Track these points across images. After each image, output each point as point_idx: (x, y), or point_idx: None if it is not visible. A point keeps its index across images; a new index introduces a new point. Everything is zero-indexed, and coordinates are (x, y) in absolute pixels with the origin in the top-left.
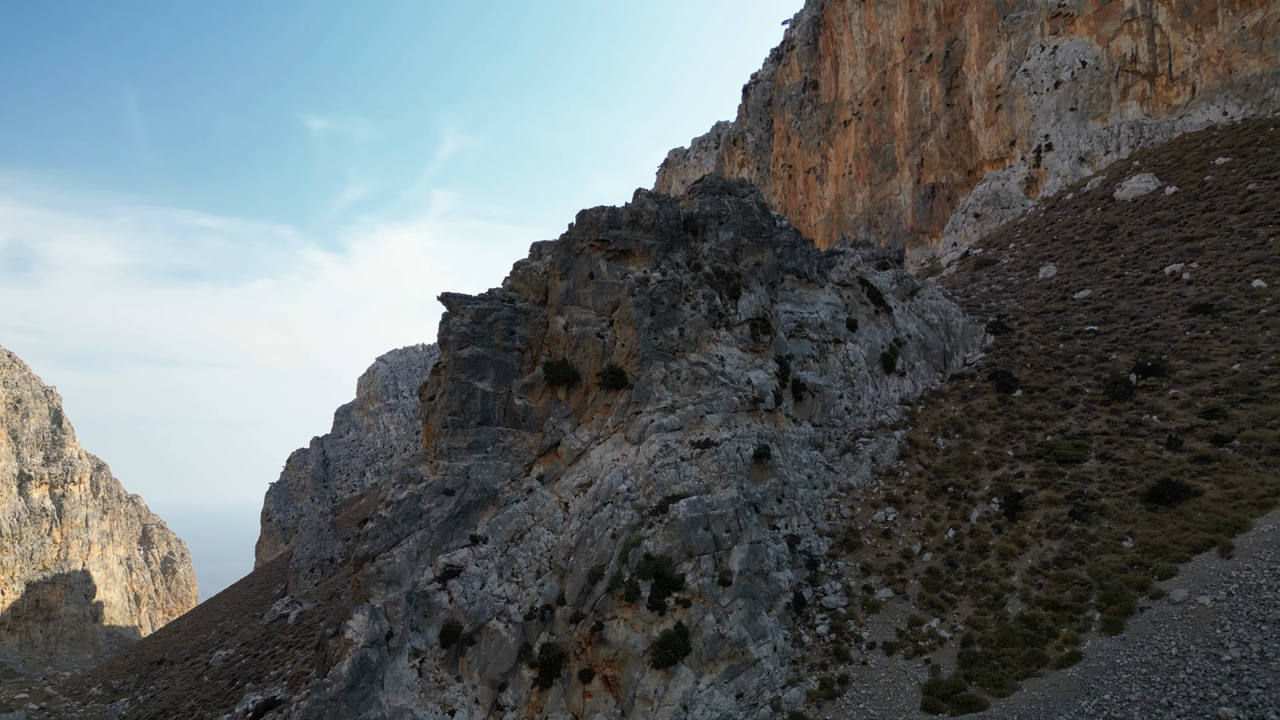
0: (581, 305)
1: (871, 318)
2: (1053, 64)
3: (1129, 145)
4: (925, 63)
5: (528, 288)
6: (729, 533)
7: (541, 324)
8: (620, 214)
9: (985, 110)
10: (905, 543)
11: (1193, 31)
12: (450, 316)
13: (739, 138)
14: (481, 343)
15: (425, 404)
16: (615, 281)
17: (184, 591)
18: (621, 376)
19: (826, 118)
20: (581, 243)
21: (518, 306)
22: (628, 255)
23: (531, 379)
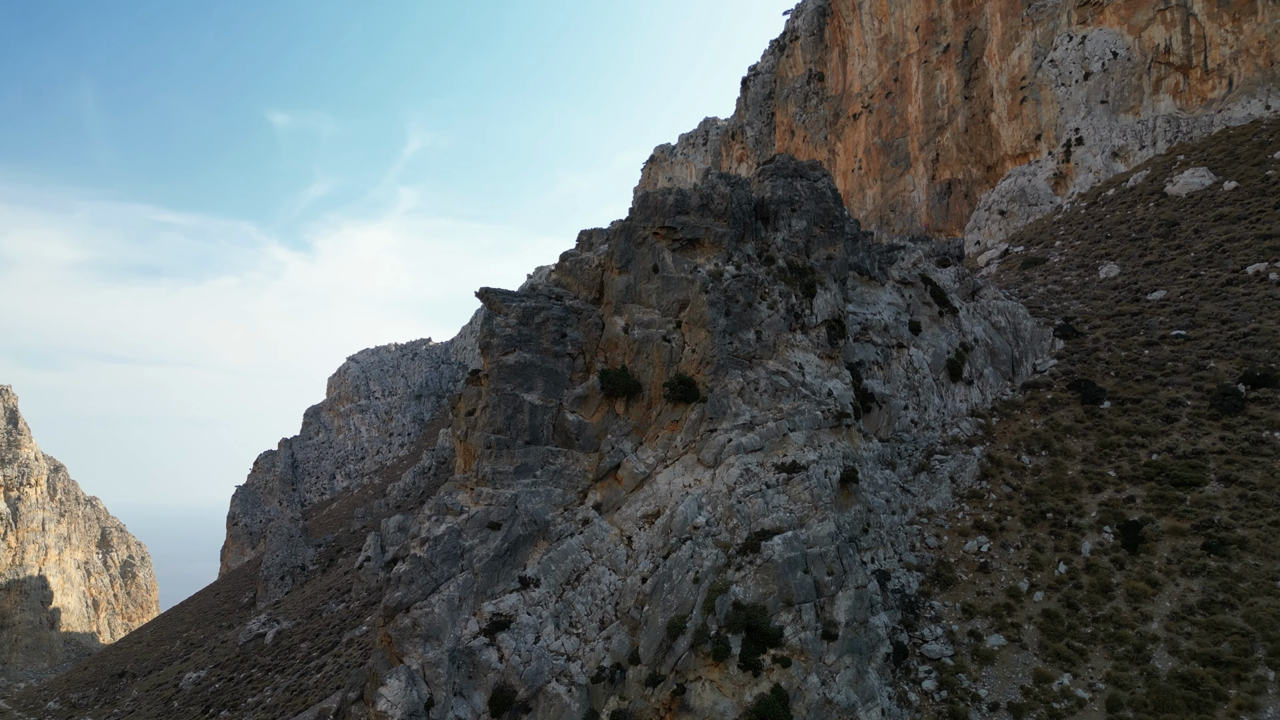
0: (643, 304)
1: (935, 319)
2: (1081, 55)
3: (1165, 140)
4: (942, 53)
5: (577, 283)
6: (831, 575)
7: (596, 325)
8: (688, 197)
9: (1008, 103)
10: (1008, 578)
11: (1230, 22)
12: (493, 316)
13: (738, 131)
14: (529, 347)
15: (462, 420)
16: (684, 276)
17: (144, 596)
18: (692, 388)
19: (834, 111)
20: (644, 230)
21: (568, 305)
22: (695, 246)
23: (585, 390)
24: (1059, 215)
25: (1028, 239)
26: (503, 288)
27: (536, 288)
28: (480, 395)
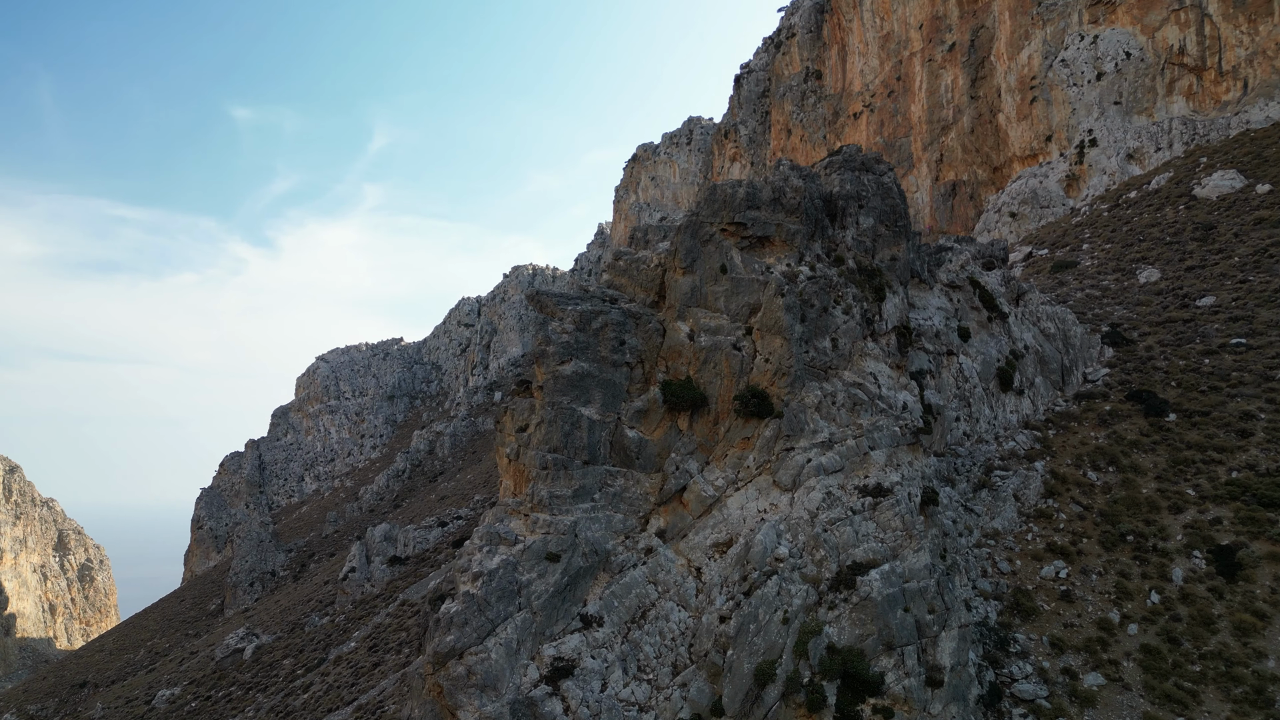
0: (710, 308)
1: (984, 325)
2: (1094, 54)
3: (1181, 142)
4: (947, 52)
5: (633, 284)
6: (933, 614)
7: (657, 331)
8: (759, 190)
9: (1017, 103)
10: (1096, 608)
11: (1246, 23)
12: (547, 322)
13: (731, 130)
14: (587, 356)
15: (511, 436)
16: (755, 277)
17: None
18: (766, 402)
19: (833, 109)
20: (711, 226)
21: (626, 309)
22: (765, 244)
23: (645, 403)
24: (1077, 217)
25: (1049, 241)
26: (554, 290)
27: (589, 290)
28: (533, 409)
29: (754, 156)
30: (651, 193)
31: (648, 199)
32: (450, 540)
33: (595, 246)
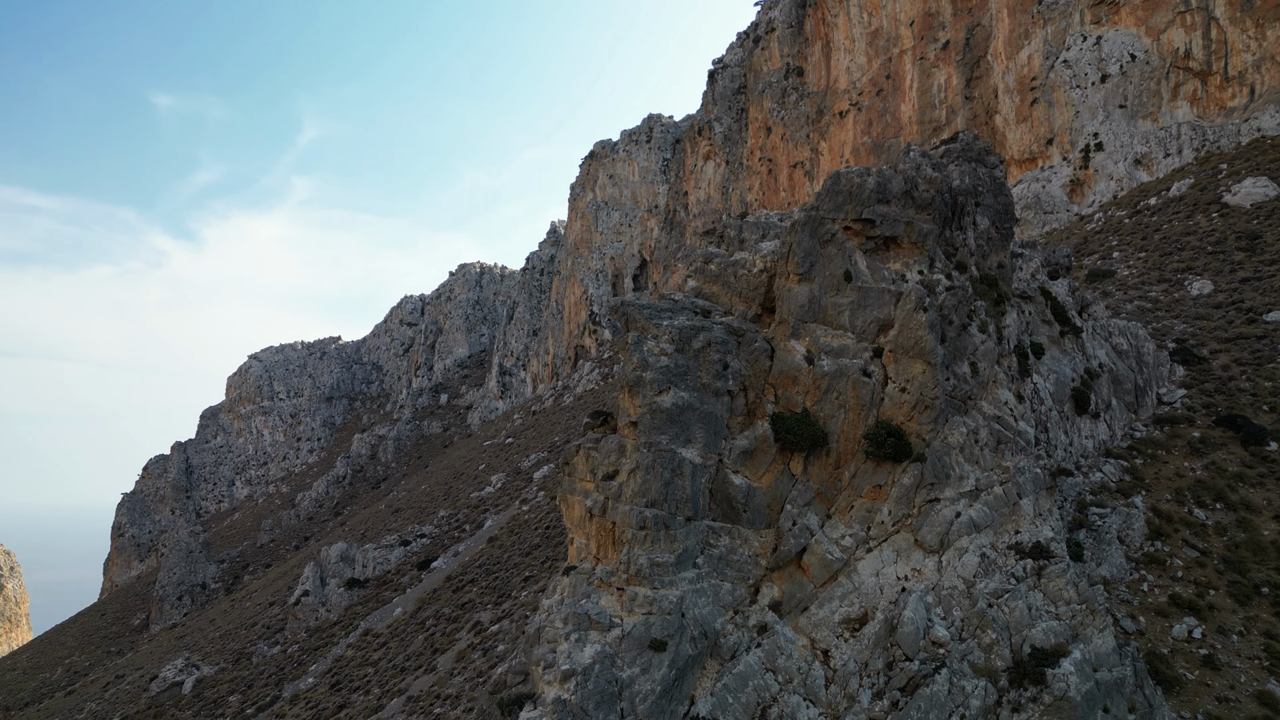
0: (831, 324)
1: (1055, 340)
2: (1097, 56)
3: (1191, 148)
4: (941, 50)
5: (729, 293)
6: (1134, 714)
7: (764, 352)
8: (889, 181)
9: (1016, 104)
10: (1250, 679)
11: (1253, 28)
12: (641, 341)
13: (705, 127)
14: (686, 383)
15: (593, 484)
16: (886, 287)
17: (13, 610)
18: (903, 441)
19: (817, 108)
20: (833, 223)
21: (726, 325)
22: (892, 246)
23: (751, 441)
24: (1091, 224)
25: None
26: (640, 300)
27: (677, 300)
28: (623, 452)
29: (729, 155)
30: (610, 191)
31: (605, 197)
32: (414, 561)
33: (548, 245)
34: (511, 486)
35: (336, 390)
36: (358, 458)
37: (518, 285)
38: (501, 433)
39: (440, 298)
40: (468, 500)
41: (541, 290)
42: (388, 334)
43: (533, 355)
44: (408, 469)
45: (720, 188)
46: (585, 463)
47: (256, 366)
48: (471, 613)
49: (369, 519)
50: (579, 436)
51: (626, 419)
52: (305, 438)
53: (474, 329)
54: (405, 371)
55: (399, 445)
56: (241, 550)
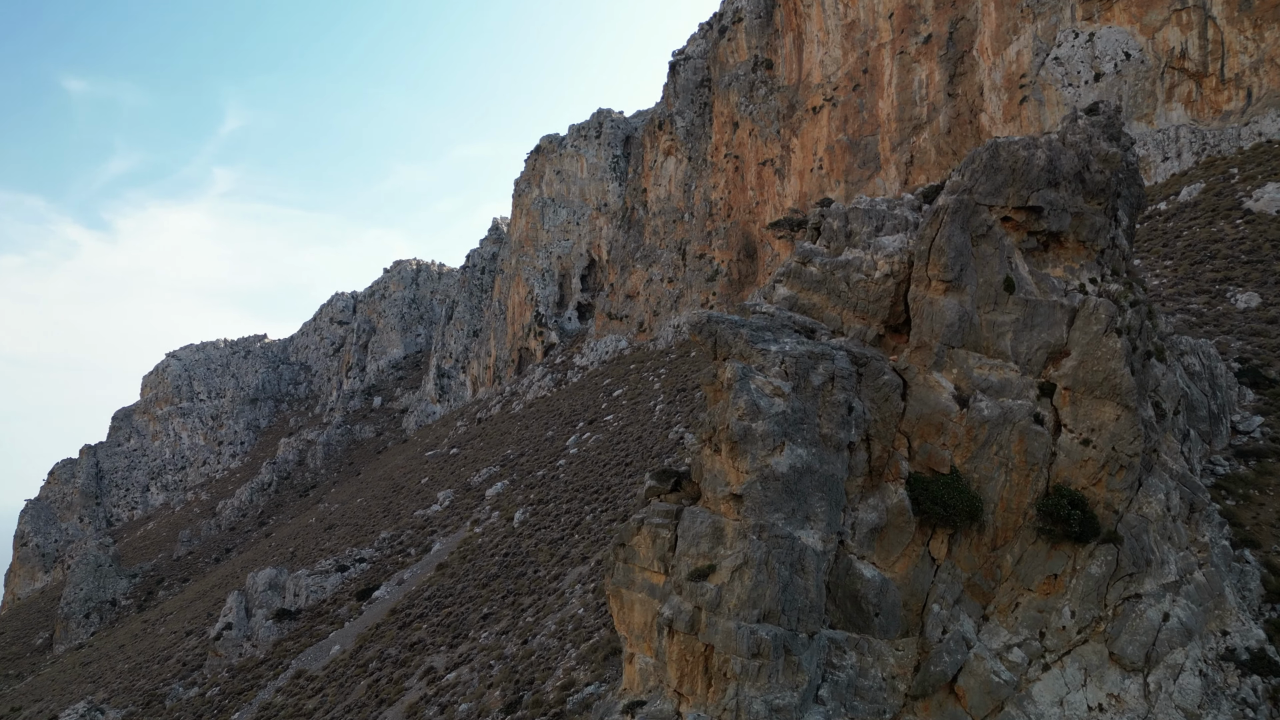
0: (987, 349)
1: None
2: (1090, 54)
3: (1191, 152)
4: (922, 44)
5: (840, 305)
6: None
7: (894, 388)
8: (1059, 157)
9: (1004, 103)
10: None
11: (1251, 29)
12: (747, 376)
13: (665, 121)
14: (804, 435)
15: (678, 586)
16: (1058, 300)
17: None
18: (1088, 515)
19: (788, 102)
20: (989, 212)
21: (849, 351)
22: (1052, 245)
23: (882, 513)
24: None
25: None
26: (729, 316)
27: (775, 317)
28: (723, 537)
29: (691, 151)
30: (557, 188)
31: (552, 194)
32: (353, 589)
33: (490, 243)
34: (461, 504)
35: (262, 391)
36: (284, 463)
37: (457, 284)
38: (444, 441)
39: (374, 295)
40: (411, 519)
41: (483, 289)
42: (317, 333)
43: (473, 357)
44: (339, 476)
45: (682, 185)
46: (652, 546)
47: (175, 365)
48: (422, 655)
49: (298, 533)
50: (639, 506)
51: (724, 489)
52: (227, 441)
53: (410, 329)
54: (336, 372)
55: (329, 450)
56: (156, 563)
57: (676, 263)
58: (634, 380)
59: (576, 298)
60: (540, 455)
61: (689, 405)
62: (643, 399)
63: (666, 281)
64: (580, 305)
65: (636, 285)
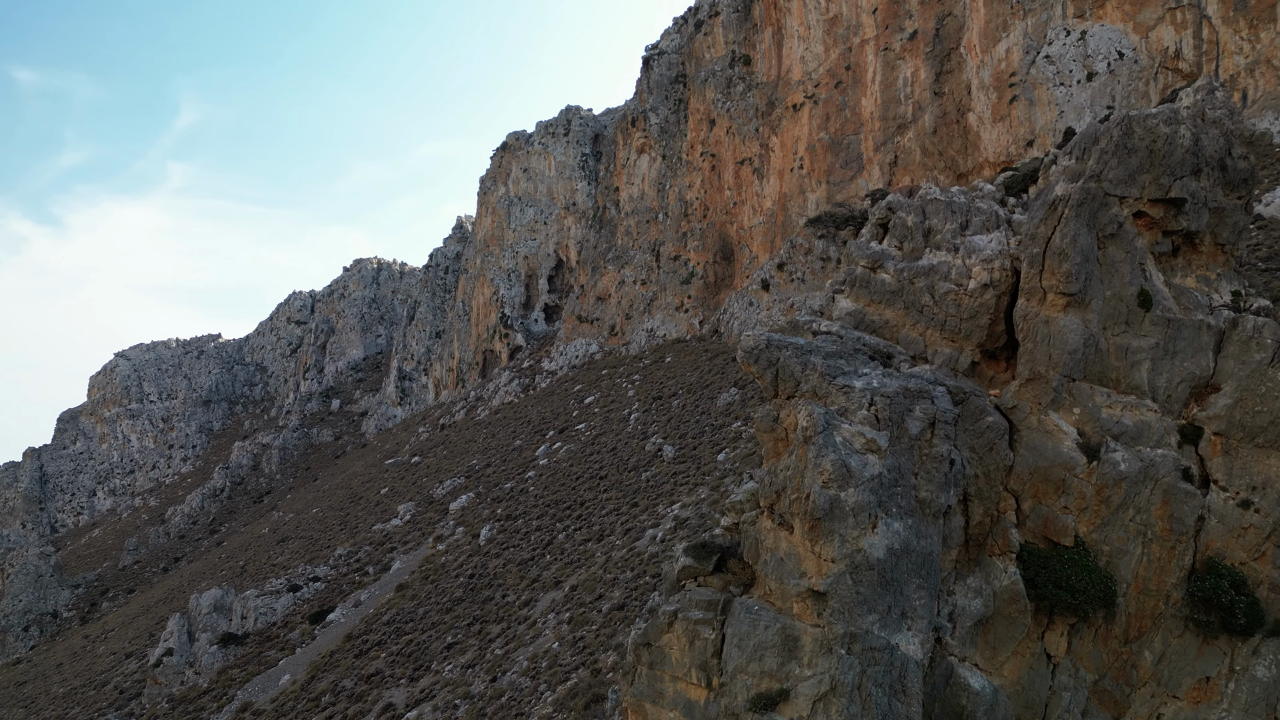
0: (1116, 383)
1: None
2: (1083, 52)
3: None
4: (907, 40)
5: (922, 322)
6: None
7: (999, 434)
8: (1202, 139)
9: (993, 102)
10: None
11: (1247, 29)
12: (831, 426)
13: (639, 118)
14: (899, 504)
15: (703, 691)
16: (1203, 320)
17: None
18: (1251, 601)
19: (767, 100)
20: (1120, 206)
21: (946, 384)
22: (1186, 249)
23: (989, 599)
24: None
25: None
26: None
27: (843, 338)
28: (798, 650)
29: (666, 149)
30: (524, 186)
31: (519, 192)
32: (306, 611)
33: (454, 242)
34: (423, 519)
35: (215, 393)
36: (238, 468)
37: (419, 283)
38: (405, 448)
39: (333, 295)
40: (370, 534)
41: (446, 289)
42: (274, 333)
43: (435, 359)
44: (295, 481)
45: (656, 184)
46: (689, 649)
47: (124, 365)
48: (380, 689)
49: (250, 544)
50: (669, 591)
51: (797, 582)
52: (179, 445)
53: (370, 329)
54: (293, 374)
55: (285, 455)
56: (101, 573)
57: (650, 264)
58: (606, 387)
59: (543, 299)
60: (508, 466)
61: (665, 414)
62: (616, 407)
63: (639, 284)
64: (547, 307)
65: (608, 287)
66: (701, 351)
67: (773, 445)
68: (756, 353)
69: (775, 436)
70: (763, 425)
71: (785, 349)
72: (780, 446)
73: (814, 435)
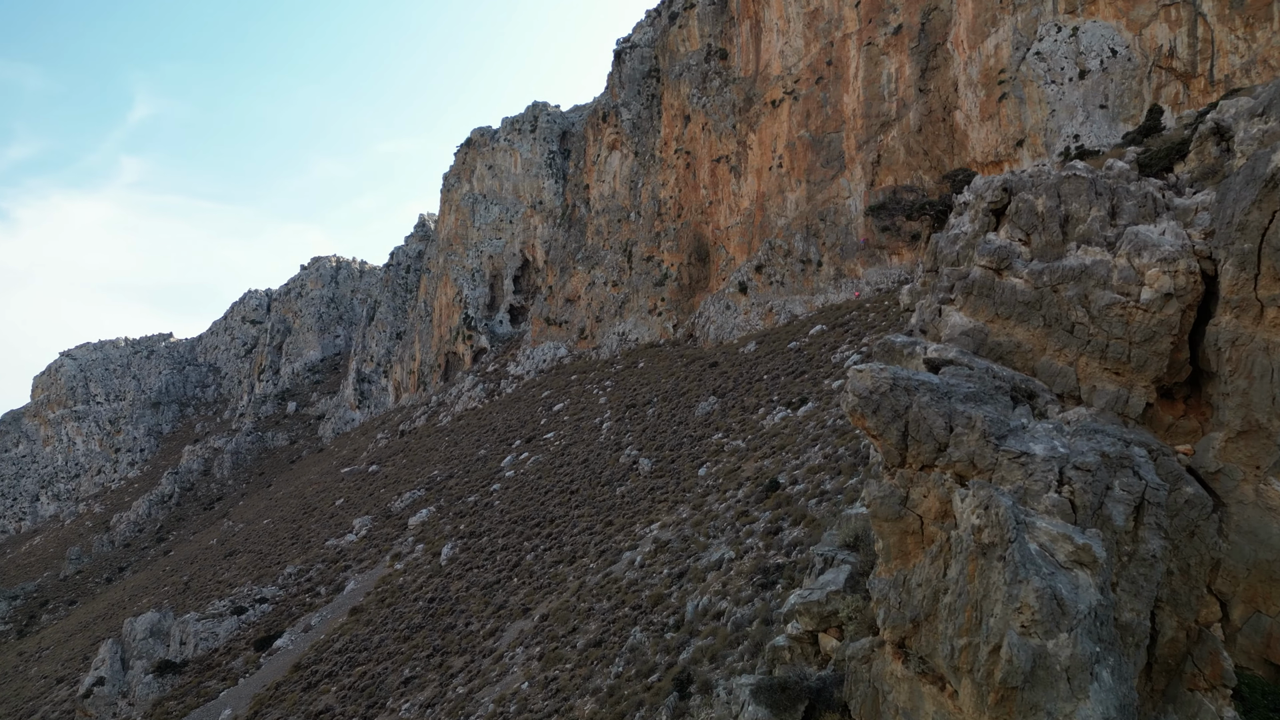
0: None
1: None
2: (1075, 49)
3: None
4: (891, 35)
5: (1073, 348)
6: None
7: (1203, 512)
8: None
9: (981, 100)
10: None
11: (1243, 27)
12: (1021, 523)
13: (610, 113)
14: (1104, 635)
15: None
16: None
17: None
18: None
19: (745, 95)
20: None
21: (1145, 444)
22: None
23: None
24: None
25: None
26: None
27: (974, 370)
28: None
29: (638, 145)
30: (489, 183)
31: (484, 190)
32: (251, 637)
33: (416, 240)
34: (380, 534)
35: (165, 394)
36: (188, 473)
37: (380, 283)
38: (362, 455)
39: (290, 294)
40: (322, 550)
41: (407, 289)
42: (228, 332)
43: (396, 361)
44: (248, 488)
45: (628, 181)
46: None
47: (69, 365)
48: None
49: (197, 556)
50: None
51: None
52: (126, 448)
53: (328, 329)
54: (247, 375)
55: (238, 459)
56: (41, 583)
57: (621, 265)
58: (576, 393)
59: (509, 300)
60: (471, 478)
61: (640, 424)
62: (587, 415)
63: (611, 285)
64: (513, 308)
65: (577, 288)
66: (676, 357)
67: (899, 541)
68: (877, 399)
69: (903, 529)
70: (883, 510)
71: (918, 392)
72: (912, 544)
73: (1001, 543)
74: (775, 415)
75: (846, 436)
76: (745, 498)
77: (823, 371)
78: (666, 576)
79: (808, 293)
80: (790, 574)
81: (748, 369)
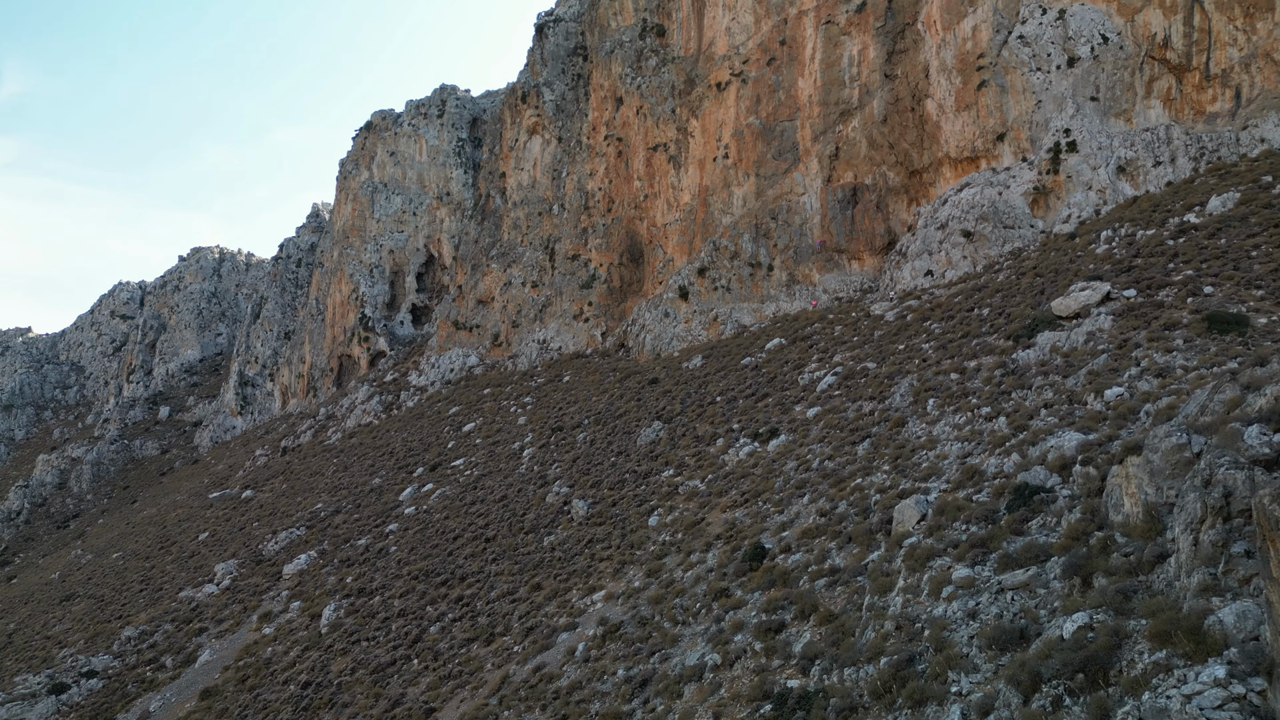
0: None
1: None
2: (1062, 34)
3: (1187, 156)
4: (854, 13)
5: None
6: None
7: None
8: None
9: (956, 88)
10: None
11: (1242, 18)
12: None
13: (530, 93)
14: None
15: None
16: None
17: None
18: None
19: (685, 76)
20: None
21: None
22: None
23: None
24: (1097, 245)
25: (1106, 275)
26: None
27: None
28: None
29: (563, 130)
30: (391, 171)
31: (385, 178)
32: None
33: (308, 231)
34: (246, 585)
35: (20, 396)
36: (40, 486)
37: (267, 277)
38: (238, 475)
39: (166, 286)
40: (175, 602)
41: (298, 285)
42: (95, 328)
43: (283, 363)
44: (109, 503)
45: (550, 170)
46: None
47: None
48: None
49: (31, 595)
50: None
51: None
52: None
53: (209, 327)
54: (115, 375)
55: (99, 471)
56: None
57: (543, 264)
58: (490, 411)
59: (411, 299)
60: (363, 514)
61: (569, 452)
62: (504, 438)
63: (530, 286)
64: (415, 308)
65: (491, 289)
66: (608, 370)
67: None
68: None
69: None
70: None
71: None
72: None
73: None
74: (740, 449)
75: (843, 486)
76: (720, 566)
77: (790, 396)
78: (623, 681)
79: (757, 300)
80: (816, 707)
81: (696, 388)
